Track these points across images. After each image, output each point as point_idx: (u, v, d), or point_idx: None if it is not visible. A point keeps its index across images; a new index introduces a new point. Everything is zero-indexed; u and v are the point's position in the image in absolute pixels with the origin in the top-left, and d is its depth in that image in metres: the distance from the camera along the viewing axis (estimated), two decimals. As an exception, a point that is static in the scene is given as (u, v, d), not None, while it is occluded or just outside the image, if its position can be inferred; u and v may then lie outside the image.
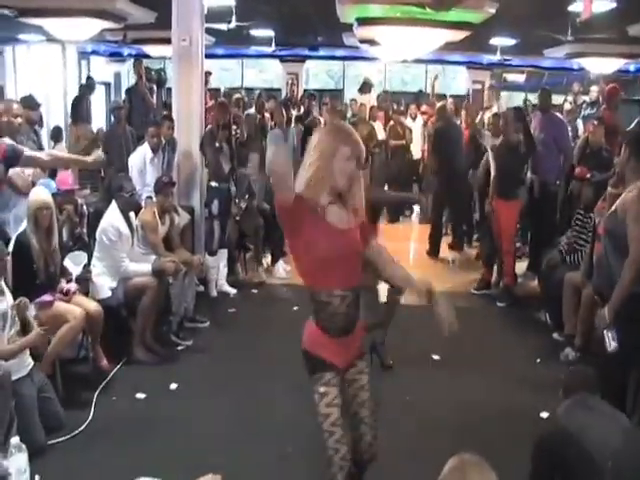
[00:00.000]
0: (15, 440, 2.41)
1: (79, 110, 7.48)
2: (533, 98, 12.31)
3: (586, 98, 9.64)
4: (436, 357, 5.28)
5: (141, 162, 6.42)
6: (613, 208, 3.55)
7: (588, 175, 6.01)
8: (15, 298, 3.82)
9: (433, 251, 8.38)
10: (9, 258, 4.04)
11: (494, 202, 6.74)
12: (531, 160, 6.89)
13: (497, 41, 10.76)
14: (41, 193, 4.48)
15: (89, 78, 11.07)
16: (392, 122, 10.43)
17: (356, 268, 2.63)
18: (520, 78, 14.72)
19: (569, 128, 7.83)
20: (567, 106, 9.29)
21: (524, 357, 5.32)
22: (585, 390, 3.04)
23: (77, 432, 3.91)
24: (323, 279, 2.58)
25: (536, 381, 4.89)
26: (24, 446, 2.38)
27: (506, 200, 6.59)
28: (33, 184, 4.97)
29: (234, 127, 7.19)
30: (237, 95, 9.14)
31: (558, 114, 7.52)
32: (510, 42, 10.68)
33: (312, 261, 2.57)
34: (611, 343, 3.29)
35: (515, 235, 6.90)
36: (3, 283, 3.83)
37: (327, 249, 2.51)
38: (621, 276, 3.35)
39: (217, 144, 6.46)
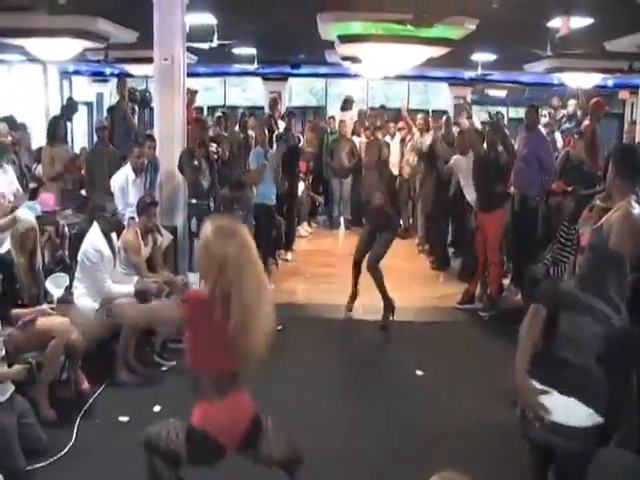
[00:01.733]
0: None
1: (55, 131, 7.43)
2: (515, 112, 12.50)
3: (565, 112, 9.74)
4: (420, 373, 5.27)
5: (123, 182, 6.40)
6: (600, 223, 3.56)
7: (569, 188, 6.04)
8: None
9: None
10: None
11: (478, 216, 6.86)
12: (512, 174, 6.95)
13: (478, 57, 10.89)
14: (27, 215, 4.48)
15: (70, 99, 11.03)
16: (372, 137, 10.47)
17: None
18: (502, 93, 14.88)
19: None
20: (543, 120, 9.38)
21: (506, 370, 5.30)
22: None
23: (58, 456, 3.85)
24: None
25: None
26: (2, 477, 2.33)
27: (487, 212, 6.70)
28: (15, 208, 4.95)
29: (215, 146, 7.19)
30: (218, 113, 9.13)
31: (542, 130, 7.57)
32: (491, 57, 10.82)
33: None
34: None
35: (501, 246, 6.96)
36: None
37: None
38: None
39: (195, 162, 6.44)
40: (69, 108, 9.81)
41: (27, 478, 3.57)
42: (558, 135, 8.94)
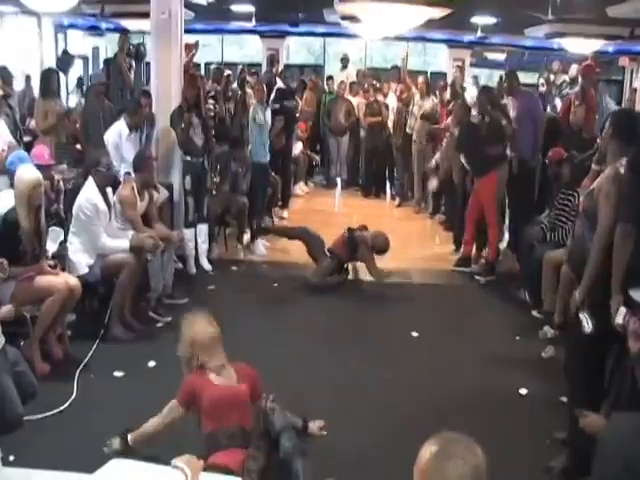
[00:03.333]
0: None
1: (48, 84, 7.29)
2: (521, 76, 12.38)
3: (566, 77, 9.64)
4: (415, 334, 5.29)
5: (117, 138, 6.31)
6: (591, 187, 3.56)
7: (565, 155, 6.02)
8: None
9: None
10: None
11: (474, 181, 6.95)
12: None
13: (478, 20, 10.74)
14: (30, 172, 4.38)
15: (65, 52, 10.86)
16: (371, 98, 10.41)
17: None
18: (501, 57, 14.72)
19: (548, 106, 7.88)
20: (541, 88, 9.33)
21: (503, 334, 5.36)
22: None
23: (58, 410, 3.89)
24: None
25: (515, 358, 4.95)
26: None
27: (480, 176, 6.79)
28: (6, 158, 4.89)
29: (212, 102, 7.09)
30: (228, 72, 8.97)
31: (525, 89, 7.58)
32: (491, 21, 10.66)
33: None
34: (587, 324, 3.29)
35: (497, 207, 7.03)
36: None
37: None
38: (589, 255, 3.36)
39: (185, 119, 6.34)
40: (64, 61, 9.66)
41: (25, 428, 3.59)
42: (558, 100, 8.87)
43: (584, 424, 2.90)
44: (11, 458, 3.14)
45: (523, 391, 4.41)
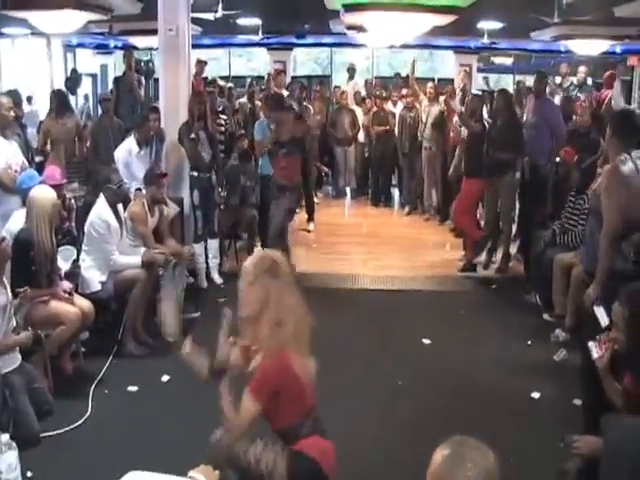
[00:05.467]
0: (5, 437, 2.41)
1: (59, 103, 7.39)
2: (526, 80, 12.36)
3: (573, 79, 9.63)
4: (427, 341, 5.30)
5: (126, 156, 6.38)
6: (595, 186, 3.60)
7: (575, 157, 6.03)
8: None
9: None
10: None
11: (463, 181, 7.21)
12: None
13: (484, 25, 10.76)
14: (49, 191, 4.45)
15: (74, 71, 11.00)
16: (375, 108, 10.44)
17: None
18: (508, 61, 14.73)
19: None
20: (552, 86, 9.28)
21: (515, 338, 5.35)
22: None
23: (74, 426, 3.92)
24: None
25: (527, 362, 4.95)
26: (14, 443, 2.39)
27: (467, 178, 7.06)
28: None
29: (224, 117, 7.15)
30: (230, 84, 9.06)
31: (552, 98, 7.55)
32: (497, 25, 10.68)
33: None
34: (603, 319, 3.30)
35: (475, 210, 7.40)
36: (4, 276, 3.85)
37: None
38: (599, 249, 3.38)
39: (193, 135, 6.41)
40: (73, 80, 9.78)
41: (41, 444, 3.65)
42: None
43: (578, 448, 2.90)
44: (29, 474, 3.18)
45: (535, 395, 4.40)
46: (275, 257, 2.68)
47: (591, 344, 3.21)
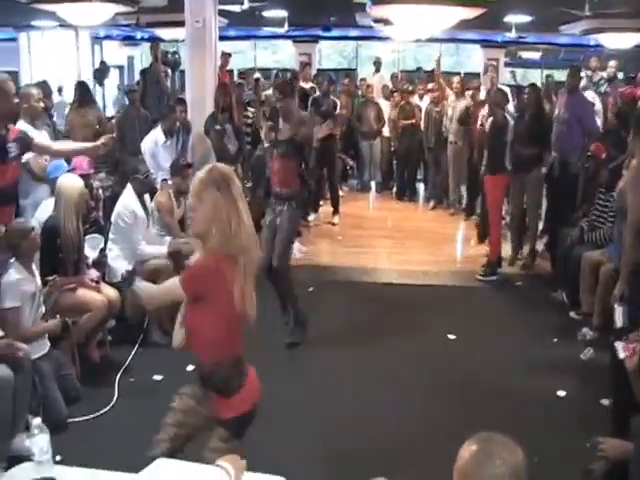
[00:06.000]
0: (37, 421, 2.43)
1: (82, 95, 7.44)
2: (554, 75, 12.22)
3: (603, 74, 9.48)
4: (452, 337, 5.27)
5: (153, 146, 6.43)
6: (621, 185, 3.55)
7: (604, 155, 5.95)
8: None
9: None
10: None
11: (484, 178, 6.94)
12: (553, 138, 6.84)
13: (512, 18, 10.64)
14: (77, 180, 4.52)
15: (102, 63, 11.08)
16: (402, 102, 10.39)
17: None
18: (535, 55, 14.56)
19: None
20: (584, 82, 9.09)
21: (541, 336, 5.30)
22: None
23: (100, 413, 3.98)
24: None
25: (553, 360, 4.89)
26: (45, 427, 2.41)
27: (493, 175, 6.73)
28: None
29: (252, 110, 7.16)
30: (257, 75, 9.04)
31: (588, 92, 7.39)
32: (525, 19, 10.55)
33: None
34: (619, 319, 3.25)
35: (501, 208, 7.10)
36: (34, 265, 3.91)
37: None
38: (624, 243, 3.34)
39: (218, 126, 6.42)
40: (101, 72, 9.86)
41: (69, 429, 3.70)
42: (597, 99, 8.71)
43: (604, 451, 2.86)
44: (58, 458, 3.22)
45: (561, 393, 4.36)
46: (224, 171, 2.58)
47: (618, 344, 3.16)
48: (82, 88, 7.58)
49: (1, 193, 4.07)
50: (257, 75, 9.11)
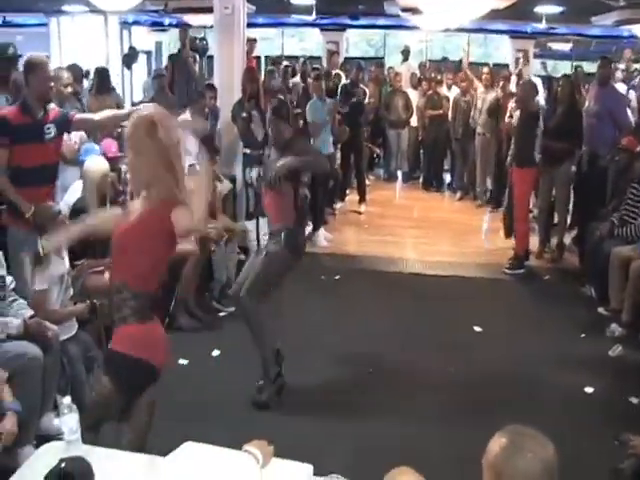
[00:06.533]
0: (67, 400, 2.44)
1: (102, 81, 7.44)
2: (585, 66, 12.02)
3: (637, 66, 9.30)
4: (478, 329, 5.22)
5: (181, 131, 6.43)
6: None
7: (638, 148, 5.84)
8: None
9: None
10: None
11: (511, 170, 6.83)
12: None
13: (542, 9, 10.46)
14: (99, 162, 4.55)
15: (131, 48, 11.12)
16: (430, 91, 10.30)
17: None
18: (566, 47, 14.33)
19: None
20: (619, 74, 8.90)
21: (568, 331, 5.23)
22: None
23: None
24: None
25: (581, 356, 4.83)
26: (75, 406, 2.43)
27: (521, 168, 6.58)
28: (78, 150, 5.04)
29: (280, 97, 7.12)
30: (286, 63, 9.02)
31: (619, 85, 7.24)
32: (556, 10, 10.37)
33: None
34: None
35: (528, 202, 6.94)
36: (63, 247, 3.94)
37: None
38: None
39: (245, 113, 6.41)
40: (130, 57, 9.89)
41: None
42: (632, 92, 8.56)
43: (635, 448, 2.81)
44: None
45: (589, 389, 4.30)
46: (154, 117, 2.54)
47: None
48: (101, 74, 7.59)
49: (38, 173, 4.10)
50: (286, 63, 9.07)
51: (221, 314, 5.38)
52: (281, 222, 4.11)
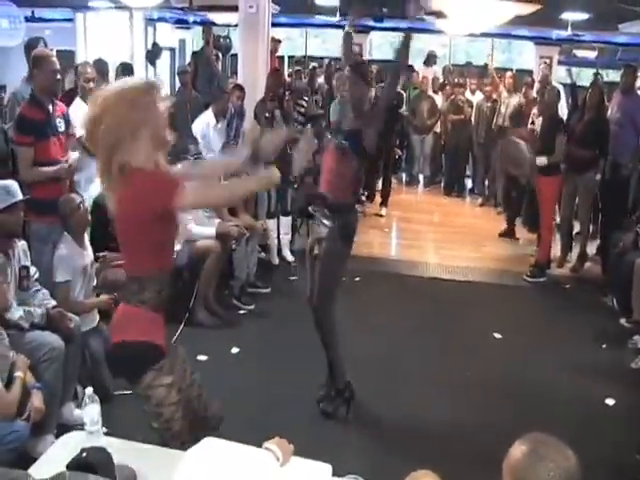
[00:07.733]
0: (89, 391, 2.45)
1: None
2: (605, 75, 11.90)
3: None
4: (498, 336, 5.18)
5: (205, 128, 6.45)
6: None
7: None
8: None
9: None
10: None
11: (536, 178, 6.72)
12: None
13: (568, 16, 10.36)
14: None
15: (155, 44, 11.17)
16: (453, 95, 10.24)
17: None
18: (591, 54, 14.20)
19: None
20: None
21: (589, 342, 5.17)
22: None
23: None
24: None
25: (601, 367, 4.77)
26: (97, 397, 2.43)
27: (546, 176, 6.50)
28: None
29: (305, 99, 7.15)
30: (314, 64, 8.99)
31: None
32: (582, 17, 10.27)
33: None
34: None
35: (554, 210, 6.88)
36: (87, 237, 3.96)
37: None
38: None
39: (267, 114, 6.42)
40: (154, 53, 9.94)
41: (115, 402, 3.72)
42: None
43: None
44: (104, 430, 3.25)
45: (610, 402, 4.25)
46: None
47: None
48: (124, 70, 7.63)
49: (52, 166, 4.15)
50: (314, 64, 9.06)
51: (241, 311, 5.39)
52: (340, 196, 3.83)
